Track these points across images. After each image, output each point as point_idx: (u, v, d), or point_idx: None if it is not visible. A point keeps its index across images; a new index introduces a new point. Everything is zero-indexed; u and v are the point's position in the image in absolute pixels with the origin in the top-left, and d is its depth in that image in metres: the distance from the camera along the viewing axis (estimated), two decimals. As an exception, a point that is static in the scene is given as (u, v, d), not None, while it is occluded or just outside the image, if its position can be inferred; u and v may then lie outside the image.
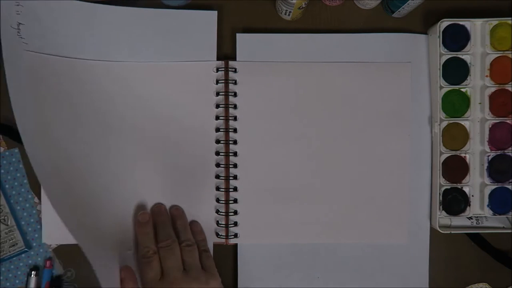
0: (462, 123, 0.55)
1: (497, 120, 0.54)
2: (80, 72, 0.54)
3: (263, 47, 0.55)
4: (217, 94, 0.55)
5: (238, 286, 0.55)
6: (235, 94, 0.55)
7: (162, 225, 0.53)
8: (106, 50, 0.54)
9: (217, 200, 0.55)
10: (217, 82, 0.55)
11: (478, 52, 0.55)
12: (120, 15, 0.54)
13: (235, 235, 0.56)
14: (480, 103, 0.55)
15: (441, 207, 0.54)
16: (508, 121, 0.54)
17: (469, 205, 0.55)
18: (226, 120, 0.55)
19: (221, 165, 0.55)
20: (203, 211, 0.55)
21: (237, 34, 0.55)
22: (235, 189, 0.56)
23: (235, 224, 0.55)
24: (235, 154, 0.55)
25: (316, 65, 0.56)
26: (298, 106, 0.56)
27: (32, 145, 0.48)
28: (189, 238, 0.52)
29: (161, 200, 0.55)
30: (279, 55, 0.55)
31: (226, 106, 0.55)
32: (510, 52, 0.54)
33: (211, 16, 0.55)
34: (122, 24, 0.54)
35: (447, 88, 0.54)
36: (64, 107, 0.53)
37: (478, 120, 0.55)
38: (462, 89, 0.55)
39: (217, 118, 0.55)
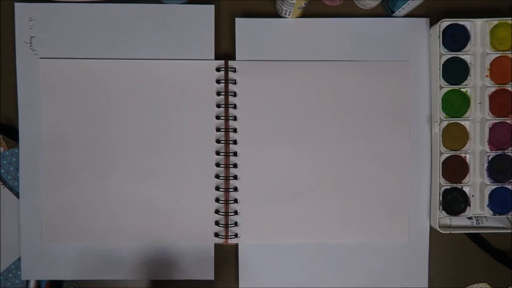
0: (462, 123, 0.55)
1: (497, 120, 0.54)
2: (83, 72, 0.55)
3: (262, 32, 0.55)
4: (218, 94, 0.55)
5: (240, 286, 0.56)
6: (235, 94, 0.55)
7: None
8: (109, 48, 0.55)
9: (217, 200, 0.55)
10: (218, 82, 0.55)
11: (478, 52, 0.55)
12: (119, 12, 0.55)
13: (236, 235, 0.56)
14: (480, 103, 0.55)
15: (441, 207, 0.54)
16: (508, 121, 0.54)
17: (469, 205, 0.55)
18: (226, 120, 0.55)
19: (221, 165, 0.55)
20: (203, 211, 0.55)
21: (236, 19, 0.55)
22: (235, 189, 0.56)
23: (235, 224, 0.55)
24: (235, 154, 0.55)
25: (315, 64, 0.56)
26: (298, 105, 0.56)
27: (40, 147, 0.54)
28: None
29: (160, 199, 0.55)
30: (278, 41, 0.55)
31: (226, 106, 0.55)
32: (510, 52, 0.54)
33: (208, 10, 0.55)
34: (122, 21, 0.55)
35: (447, 88, 0.54)
36: (71, 106, 0.55)
37: (478, 120, 0.55)
38: (462, 89, 0.55)
39: (218, 118, 0.55)
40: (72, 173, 0.55)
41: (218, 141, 0.55)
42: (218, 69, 0.55)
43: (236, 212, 0.56)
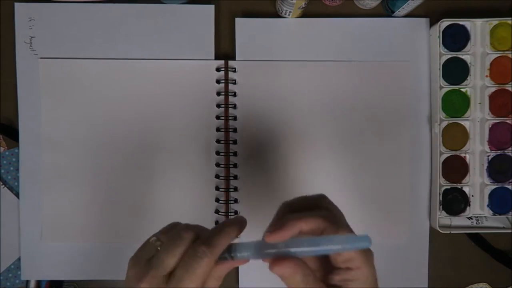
0: (462, 123, 0.55)
1: (497, 120, 0.54)
2: (83, 72, 0.55)
3: (262, 32, 0.55)
4: (218, 94, 0.55)
5: (240, 286, 0.56)
6: (235, 94, 0.55)
7: None
8: (109, 48, 0.55)
9: (217, 200, 0.55)
10: (218, 82, 0.55)
11: (478, 52, 0.55)
12: (119, 12, 0.55)
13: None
14: (480, 103, 0.55)
15: (441, 207, 0.54)
16: (508, 121, 0.54)
17: (469, 205, 0.55)
18: (226, 120, 0.55)
19: (221, 165, 0.55)
20: (203, 211, 0.55)
21: (236, 19, 0.55)
22: (235, 189, 0.56)
23: (235, 224, 0.55)
24: (235, 154, 0.55)
25: (315, 64, 0.56)
26: (298, 105, 0.56)
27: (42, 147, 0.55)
28: None
29: (160, 199, 0.55)
30: (278, 41, 0.55)
31: (226, 106, 0.55)
32: (510, 52, 0.54)
33: (208, 10, 0.55)
34: (122, 21, 0.55)
35: (447, 88, 0.54)
36: (71, 106, 0.55)
37: (478, 120, 0.55)
38: (462, 89, 0.55)
39: (218, 118, 0.55)
40: (72, 173, 0.55)
41: (218, 141, 0.55)
42: (218, 69, 0.55)
43: (236, 212, 0.55)
